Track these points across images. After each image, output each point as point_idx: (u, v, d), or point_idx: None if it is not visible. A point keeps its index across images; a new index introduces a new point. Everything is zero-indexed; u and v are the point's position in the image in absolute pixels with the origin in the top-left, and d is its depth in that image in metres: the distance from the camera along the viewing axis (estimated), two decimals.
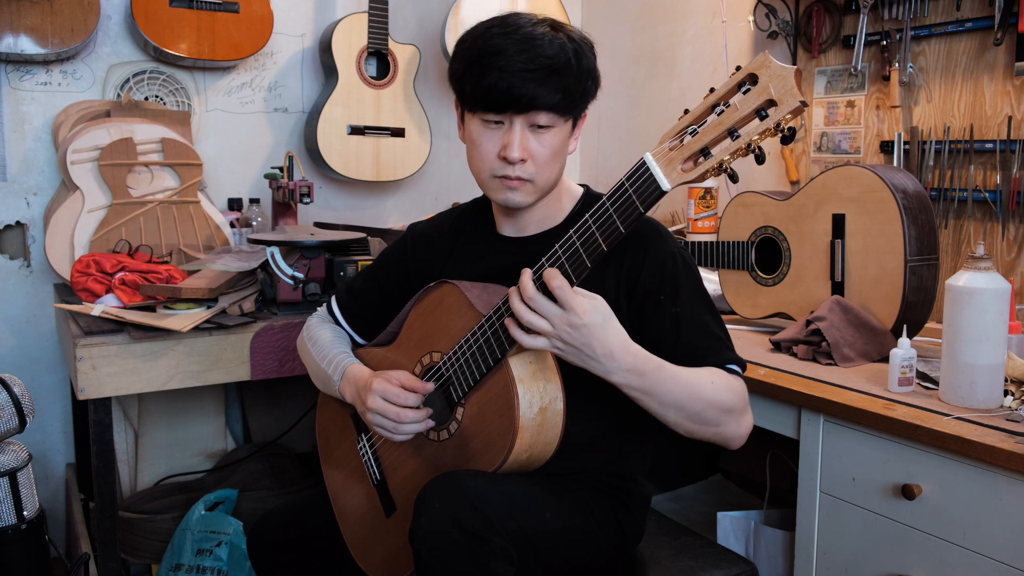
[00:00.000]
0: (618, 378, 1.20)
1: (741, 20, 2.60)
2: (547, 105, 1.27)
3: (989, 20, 1.98)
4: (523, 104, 1.27)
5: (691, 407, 1.24)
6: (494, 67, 1.27)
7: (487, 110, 1.30)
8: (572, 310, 1.16)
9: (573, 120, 1.35)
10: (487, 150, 1.33)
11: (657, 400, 1.23)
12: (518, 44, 1.26)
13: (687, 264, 1.35)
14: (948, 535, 1.35)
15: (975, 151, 2.03)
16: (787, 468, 1.95)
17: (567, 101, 1.29)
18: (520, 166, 1.31)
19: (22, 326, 2.49)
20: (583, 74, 1.30)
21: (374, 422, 1.35)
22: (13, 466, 1.46)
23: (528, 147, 1.30)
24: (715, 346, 1.31)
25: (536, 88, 1.26)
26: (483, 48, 1.29)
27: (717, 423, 1.27)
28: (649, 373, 1.21)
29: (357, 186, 2.90)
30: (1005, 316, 1.42)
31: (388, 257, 1.59)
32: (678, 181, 1.12)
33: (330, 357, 1.50)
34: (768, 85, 1.05)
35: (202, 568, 2.09)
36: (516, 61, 1.25)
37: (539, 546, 1.28)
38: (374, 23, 2.64)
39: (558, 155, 1.33)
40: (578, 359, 1.20)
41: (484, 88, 1.28)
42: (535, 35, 1.27)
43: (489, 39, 1.29)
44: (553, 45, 1.27)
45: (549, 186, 1.36)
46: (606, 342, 1.18)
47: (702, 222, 2.46)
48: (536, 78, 1.25)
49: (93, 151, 2.26)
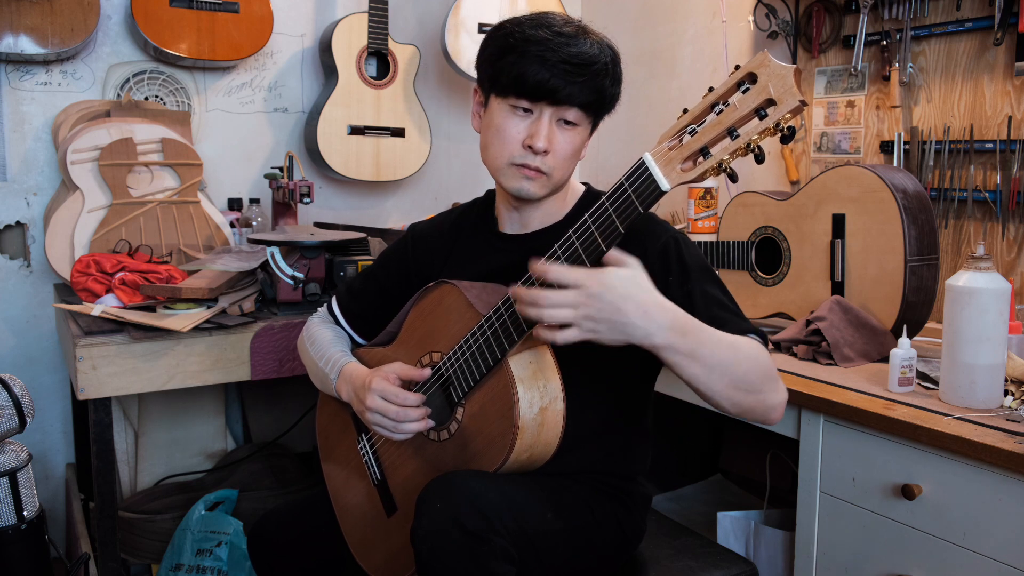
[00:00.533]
0: (660, 339, 1.12)
1: (741, 20, 2.59)
2: (580, 102, 1.30)
3: (989, 20, 1.98)
4: (560, 97, 1.29)
5: (737, 369, 1.17)
6: (537, 55, 1.28)
7: (521, 96, 1.30)
8: (585, 286, 1.11)
9: (594, 123, 1.37)
10: (511, 136, 1.33)
11: (702, 362, 1.15)
12: (564, 38, 1.28)
13: (688, 244, 1.36)
14: (948, 535, 1.35)
15: (975, 151, 2.03)
16: (787, 468, 1.95)
17: (598, 102, 1.32)
18: (542, 157, 1.32)
19: (22, 326, 2.49)
20: (616, 79, 1.34)
21: (373, 421, 1.35)
22: (13, 466, 1.46)
23: (553, 140, 1.32)
24: (732, 318, 1.28)
25: (575, 83, 1.28)
26: (527, 36, 1.30)
27: (761, 388, 1.21)
28: (692, 332, 1.15)
29: (357, 186, 2.90)
30: (1005, 316, 1.42)
31: (388, 257, 1.59)
32: (677, 181, 1.12)
33: (328, 356, 1.50)
34: (767, 84, 1.04)
35: (202, 568, 2.09)
36: (560, 53, 1.27)
37: (539, 546, 1.28)
38: (374, 23, 2.64)
39: (576, 154, 1.36)
40: (618, 332, 1.11)
41: (524, 74, 1.29)
42: (576, 33, 1.30)
43: (533, 28, 1.30)
44: (595, 46, 1.30)
45: (561, 183, 1.38)
46: (638, 302, 1.11)
47: (702, 222, 2.45)
48: (576, 72, 1.27)
49: (93, 151, 2.26)
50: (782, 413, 1.26)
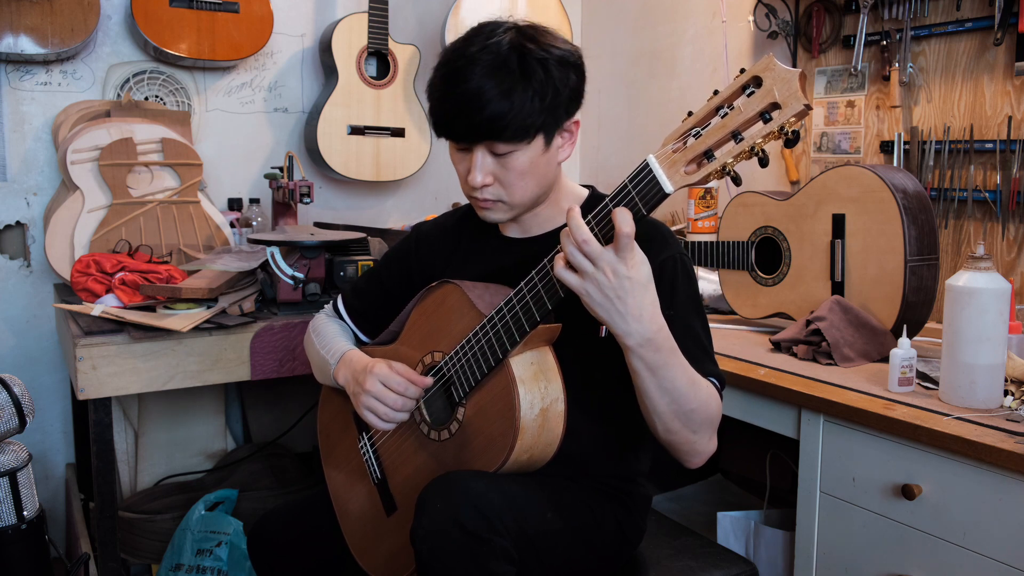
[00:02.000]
0: (633, 342, 1.15)
1: (741, 20, 2.60)
2: (494, 135, 1.26)
3: (989, 20, 1.98)
4: (470, 137, 1.28)
5: (687, 403, 1.21)
6: (438, 99, 1.29)
7: (447, 138, 1.31)
8: (624, 258, 1.10)
9: (545, 136, 1.29)
10: (460, 172, 1.35)
11: (658, 382, 1.19)
12: (456, 76, 1.25)
13: (686, 270, 1.35)
14: (948, 535, 1.36)
15: (975, 151, 2.03)
16: (787, 468, 1.95)
17: (515, 130, 1.25)
18: (486, 189, 1.31)
19: (22, 326, 2.49)
20: (536, 96, 1.24)
21: (366, 404, 1.35)
22: (13, 466, 1.46)
23: (491, 171, 1.30)
24: (701, 355, 1.30)
25: (471, 123, 1.25)
26: (434, 78, 1.31)
27: (697, 430, 1.25)
28: (664, 351, 1.17)
29: (357, 186, 2.90)
30: (1005, 316, 1.42)
31: (392, 257, 1.59)
32: (681, 183, 1.12)
33: (331, 346, 1.51)
34: (772, 88, 1.04)
35: (202, 568, 2.09)
36: (454, 96, 1.25)
37: (539, 546, 1.28)
38: (374, 23, 2.64)
39: (529, 173, 1.30)
40: (603, 311, 1.13)
41: (436, 119, 1.31)
42: (475, 61, 1.24)
43: (439, 67, 1.29)
44: (490, 73, 1.23)
45: (525, 202, 1.34)
46: (641, 304, 1.13)
47: (702, 222, 2.46)
48: (474, 111, 1.24)
49: (93, 151, 2.25)
50: (702, 462, 1.30)
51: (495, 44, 1.25)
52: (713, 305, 2.23)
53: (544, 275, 1.21)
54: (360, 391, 1.37)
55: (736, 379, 1.67)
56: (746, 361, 1.75)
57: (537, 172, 1.31)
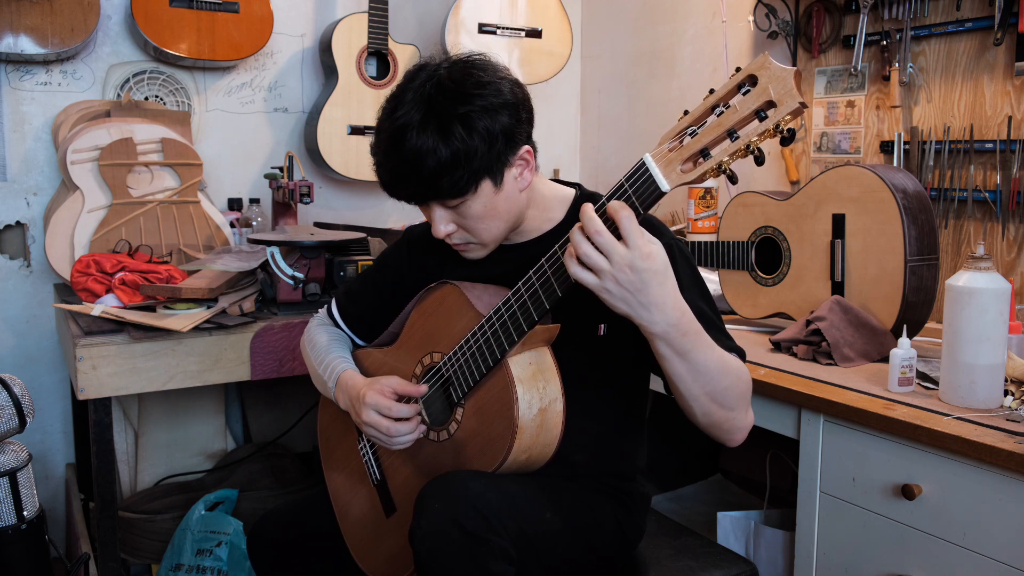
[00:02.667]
0: (659, 329, 1.13)
1: (741, 20, 2.59)
2: (432, 197, 1.28)
3: (989, 20, 1.98)
4: (414, 199, 1.30)
5: (720, 382, 1.19)
6: (377, 167, 1.30)
7: (397, 199, 1.33)
8: (637, 249, 1.09)
9: (492, 179, 1.26)
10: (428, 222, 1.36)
11: (690, 365, 1.17)
12: (383, 144, 1.27)
13: (684, 254, 1.34)
14: (948, 535, 1.35)
15: (975, 151, 2.03)
16: (787, 468, 1.95)
17: (449, 187, 1.24)
18: (454, 235, 1.33)
19: (22, 326, 2.49)
20: (462, 154, 1.22)
21: (369, 435, 1.37)
22: (13, 466, 1.46)
23: (451, 220, 1.31)
24: (716, 334, 1.27)
25: (415, 187, 1.26)
26: (373, 147, 1.32)
27: (735, 407, 1.22)
28: (691, 334, 1.15)
29: (357, 186, 2.90)
30: (1005, 316, 1.42)
31: (385, 260, 1.59)
32: (677, 182, 1.12)
33: (326, 362, 1.50)
34: (768, 86, 1.04)
35: (202, 568, 2.10)
36: (384, 163, 1.28)
37: (539, 546, 1.28)
38: (374, 23, 2.64)
39: (487, 216, 1.29)
40: (625, 304, 1.11)
41: (382, 185, 1.32)
42: (405, 125, 1.23)
43: (376, 134, 1.30)
44: (416, 140, 1.22)
45: (497, 237, 1.34)
46: (663, 292, 1.11)
47: (702, 222, 2.46)
48: (408, 179, 1.25)
49: (93, 151, 2.26)
50: (744, 437, 1.28)
51: (422, 101, 1.23)
52: None
53: (542, 275, 1.21)
54: (360, 422, 1.37)
55: None
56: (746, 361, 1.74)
57: (497, 211, 1.30)
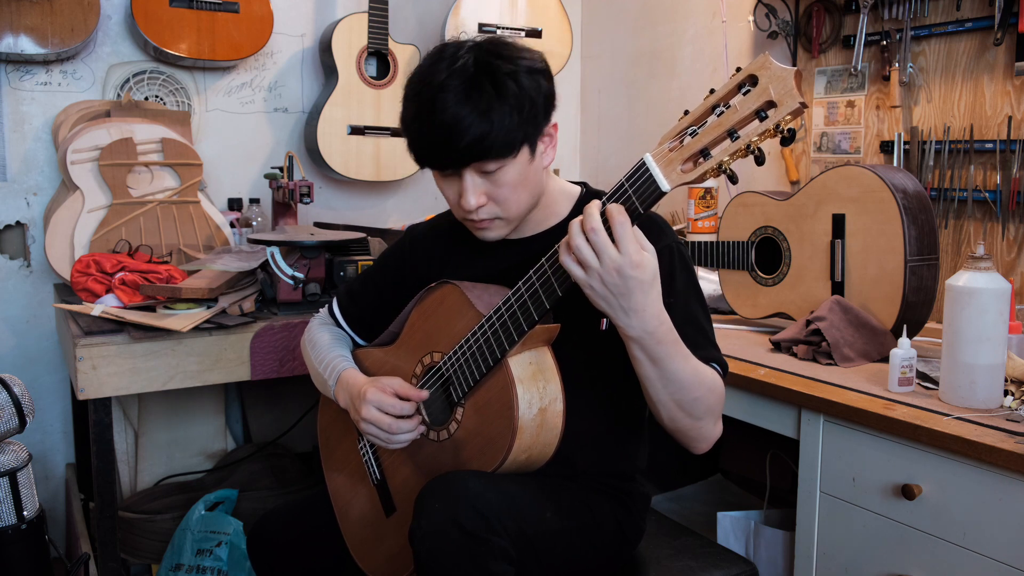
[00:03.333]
0: (635, 334, 1.16)
1: (741, 20, 2.59)
2: (480, 156, 1.25)
3: (989, 20, 1.98)
4: (456, 163, 1.26)
5: (690, 392, 1.22)
6: (415, 135, 1.28)
7: (432, 168, 1.31)
8: (628, 256, 1.11)
9: (529, 146, 1.28)
10: (450, 197, 1.33)
11: (661, 372, 1.19)
12: (427, 107, 1.24)
13: (683, 258, 1.35)
14: (948, 535, 1.35)
15: (975, 151, 2.03)
16: (787, 468, 1.95)
17: (504, 143, 1.24)
18: (481, 210, 1.30)
19: (22, 326, 2.49)
20: (512, 110, 1.23)
21: (367, 431, 1.36)
22: (13, 466, 1.46)
23: (483, 191, 1.29)
24: (702, 342, 1.30)
25: (454, 149, 1.24)
26: (405, 113, 1.30)
27: (701, 417, 1.25)
28: (667, 343, 1.18)
29: (357, 186, 2.90)
30: (1005, 316, 1.42)
31: (386, 259, 1.59)
32: (678, 182, 1.12)
33: (327, 360, 1.50)
34: (768, 86, 1.04)
35: (202, 568, 2.09)
36: (428, 131, 1.25)
37: (539, 546, 1.28)
38: (374, 23, 2.64)
39: (520, 185, 1.30)
40: (606, 304, 1.14)
41: (417, 154, 1.30)
42: (444, 88, 1.23)
43: (409, 101, 1.29)
44: (459, 103, 1.22)
45: (522, 212, 1.34)
46: (645, 301, 1.13)
47: (702, 222, 2.46)
48: (456, 139, 1.23)
49: (93, 151, 2.26)
50: (708, 447, 1.30)
51: (461, 67, 1.24)
52: (713, 305, 2.22)
53: (542, 275, 1.21)
54: (359, 418, 1.37)
55: (736, 379, 1.67)
56: (746, 361, 1.74)
57: (528, 182, 1.31)
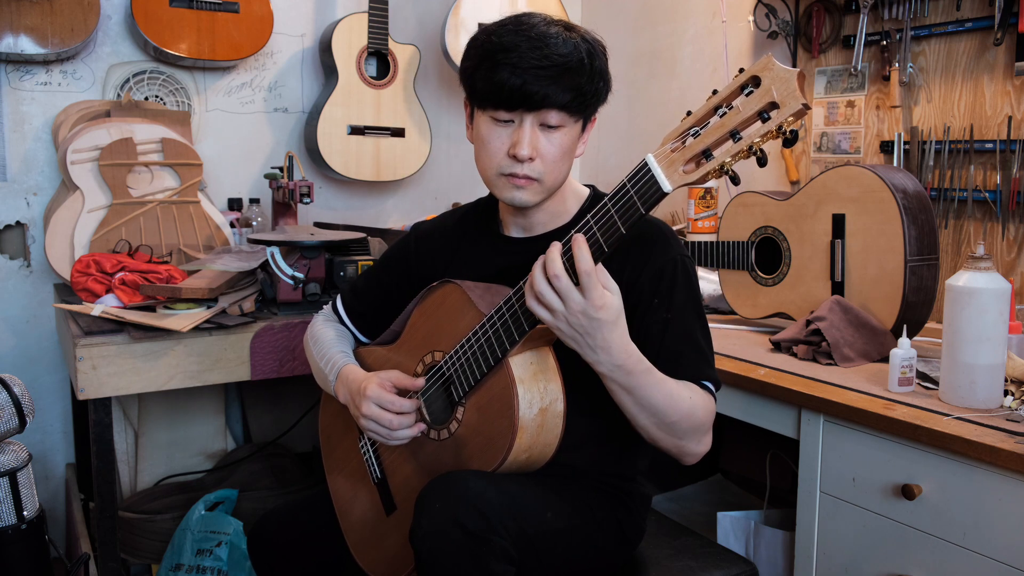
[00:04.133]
0: (604, 369, 1.20)
1: (741, 20, 2.60)
2: (558, 104, 1.27)
3: (989, 20, 1.98)
4: (535, 102, 1.27)
5: (666, 416, 1.24)
6: (506, 63, 1.26)
7: (498, 107, 1.29)
8: (591, 300, 1.14)
9: (583, 121, 1.34)
10: (496, 147, 1.32)
11: (634, 399, 1.23)
12: (531, 41, 1.26)
13: (687, 273, 1.35)
14: (948, 535, 1.36)
15: (975, 151, 2.03)
16: (787, 468, 1.95)
17: (578, 101, 1.28)
18: (529, 164, 1.30)
19: (22, 326, 2.49)
20: (595, 75, 1.29)
21: (368, 427, 1.36)
22: (13, 466, 1.46)
23: (538, 146, 1.30)
24: (696, 358, 1.31)
25: (548, 86, 1.26)
26: (496, 44, 1.28)
27: (682, 436, 1.28)
28: (637, 374, 1.21)
29: (357, 186, 2.90)
30: (1005, 316, 1.42)
31: (390, 257, 1.59)
32: (680, 182, 1.12)
33: (328, 356, 1.50)
34: (771, 88, 1.05)
35: (202, 568, 2.09)
36: (529, 58, 1.25)
37: (539, 546, 1.28)
38: (374, 23, 2.64)
39: (567, 155, 1.33)
40: (573, 343, 1.18)
41: (496, 84, 1.28)
42: (548, 34, 1.27)
43: (503, 36, 1.28)
44: (567, 44, 1.26)
45: (556, 185, 1.35)
46: (609, 338, 1.17)
47: (702, 222, 2.46)
48: (548, 76, 1.25)
49: (93, 151, 2.25)
50: (695, 460, 1.32)
51: (555, 23, 1.29)
52: (713, 305, 2.23)
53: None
54: (359, 415, 1.37)
55: (736, 379, 1.67)
56: (746, 361, 1.75)
57: (569, 156, 1.34)
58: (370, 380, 1.37)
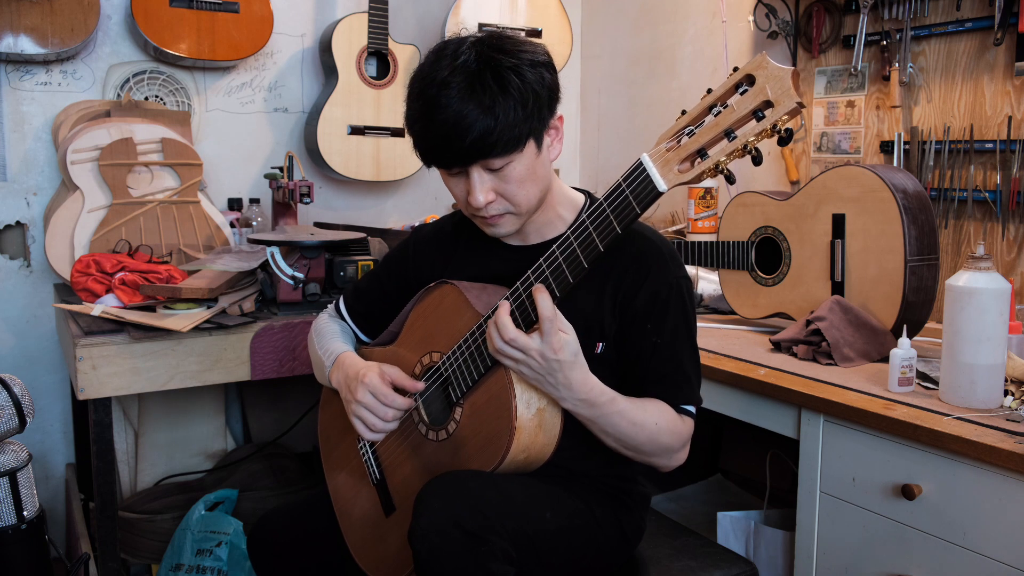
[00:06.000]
0: (568, 405, 1.26)
1: (741, 20, 2.59)
2: (485, 154, 1.24)
3: (989, 20, 1.98)
4: (464, 160, 1.25)
5: (631, 440, 1.30)
6: (419, 135, 1.29)
7: (440, 166, 1.31)
8: (549, 345, 1.19)
9: (535, 140, 1.27)
10: (459, 194, 1.33)
11: (600, 427, 1.28)
12: (429, 106, 1.24)
13: (681, 297, 1.35)
14: (948, 535, 1.35)
15: (975, 151, 2.03)
16: (787, 468, 1.95)
17: (507, 140, 1.23)
18: (491, 206, 1.30)
19: (22, 326, 2.49)
20: (518, 105, 1.22)
21: (355, 413, 1.37)
22: (13, 466, 1.46)
23: (491, 187, 1.28)
24: (678, 382, 1.34)
25: (464, 148, 1.23)
26: (409, 113, 1.30)
27: (650, 455, 1.33)
28: (600, 406, 1.26)
29: (357, 186, 2.90)
30: (1005, 316, 1.42)
31: (391, 259, 1.59)
32: (675, 182, 1.12)
33: (329, 348, 1.52)
34: (765, 86, 1.04)
35: (202, 568, 2.10)
36: (432, 130, 1.25)
37: (539, 546, 1.28)
38: (374, 23, 2.64)
39: (528, 179, 1.29)
40: (536, 381, 1.24)
41: (421, 152, 1.31)
42: (446, 84, 1.22)
43: (413, 100, 1.29)
44: (464, 94, 1.21)
45: (532, 207, 1.33)
46: (570, 376, 1.22)
47: (702, 222, 2.46)
48: (457, 138, 1.22)
49: (93, 151, 2.26)
50: (670, 470, 1.38)
51: (463, 63, 1.24)
52: (713, 305, 2.22)
53: (540, 276, 1.22)
54: (351, 399, 1.37)
55: (736, 379, 1.67)
56: (746, 361, 1.74)
57: (536, 176, 1.30)
58: (371, 368, 1.38)
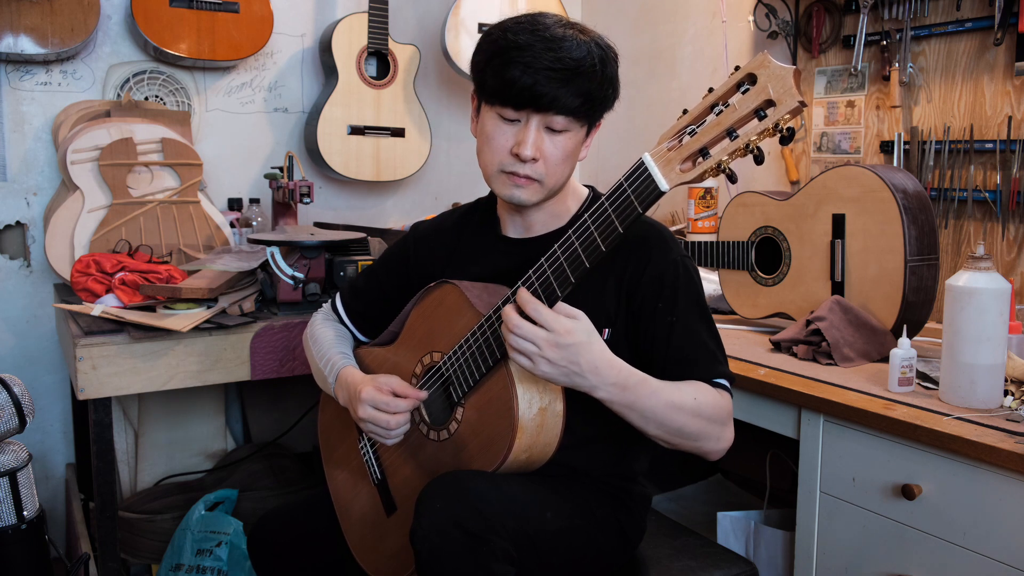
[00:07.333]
0: (603, 393, 1.22)
1: (741, 20, 2.59)
2: (566, 108, 1.27)
3: (989, 20, 1.98)
4: (543, 103, 1.26)
5: (672, 423, 1.25)
6: (519, 61, 1.26)
7: (505, 105, 1.29)
8: (555, 331, 1.17)
9: (588, 126, 1.34)
10: (500, 144, 1.32)
11: (639, 413, 1.24)
12: (546, 42, 1.26)
13: (688, 274, 1.35)
14: (948, 535, 1.35)
15: (975, 151, 2.03)
16: (787, 468, 1.95)
17: (587, 106, 1.28)
18: (531, 165, 1.30)
19: (22, 326, 2.49)
20: (606, 81, 1.29)
21: (365, 430, 1.38)
22: (13, 466, 1.46)
23: (541, 147, 1.30)
24: (705, 357, 1.32)
25: (558, 89, 1.25)
26: (511, 42, 1.28)
27: (696, 438, 1.28)
28: (632, 387, 1.23)
29: (357, 186, 2.90)
30: (1005, 316, 1.42)
31: (389, 257, 1.59)
32: (676, 181, 1.12)
33: (328, 357, 1.51)
34: (767, 85, 1.04)
35: (202, 568, 2.09)
36: (542, 59, 1.25)
37: (540, 546, 1.28)
38: (374, 23, 2.64)
39: (569, 158, 1.33)
40: (566, 378, 1.20)
41: (506, 81, 1.27)
42: (563, 36, 1.26)
43: (518, 33, 1.28)
44: (581, 48, 1.26)
45: (556, 188, 1.35)
46: (592, 358, 1.19)
47: (702, 222, 2.46)
48: (559, 78, 1.25)
49: (93, 151, 2.26)
50: (720, 455, 1.32)
51: (572, 31, 1.28)
52: (713, 305, 2.22)
53: (542, 275, 1.22)
54: (357, 419, 1.39)
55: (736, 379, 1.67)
56: (746, 361, 1.74)
57: (572, 159, 1.34)
58: (365, 383, 1.37)
